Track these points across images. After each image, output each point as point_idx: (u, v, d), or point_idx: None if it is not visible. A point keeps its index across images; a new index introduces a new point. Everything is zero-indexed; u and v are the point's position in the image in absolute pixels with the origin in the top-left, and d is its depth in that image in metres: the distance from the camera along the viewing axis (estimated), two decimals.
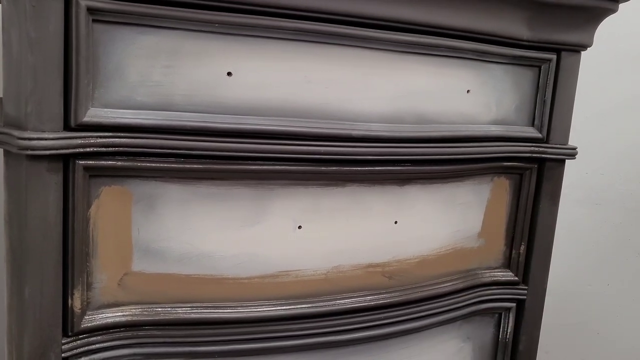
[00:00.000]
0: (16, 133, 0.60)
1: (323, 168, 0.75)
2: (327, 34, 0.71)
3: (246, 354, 0.76)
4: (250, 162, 0.71)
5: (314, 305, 0.78)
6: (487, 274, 0.95)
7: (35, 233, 0.62)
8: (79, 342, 0.67)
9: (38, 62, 0.59)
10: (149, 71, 0.65)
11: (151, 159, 0.67)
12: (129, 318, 0.70)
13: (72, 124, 0.62)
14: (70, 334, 0.66)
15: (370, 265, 0.82)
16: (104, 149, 0.64)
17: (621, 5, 0.89)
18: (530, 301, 0.98)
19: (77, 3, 0.59)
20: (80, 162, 0.63)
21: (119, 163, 0.65)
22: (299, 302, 0.78)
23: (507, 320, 0.98)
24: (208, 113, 0.68)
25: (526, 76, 0.90)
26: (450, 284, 0.90)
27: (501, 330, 0.99)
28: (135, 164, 0.66)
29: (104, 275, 0.68)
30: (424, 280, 0.87)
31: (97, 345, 0.68)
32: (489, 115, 0.88)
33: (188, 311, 0.72)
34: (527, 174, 0.93)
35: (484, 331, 0.98)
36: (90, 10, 0.60)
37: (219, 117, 0.68)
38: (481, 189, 0.91)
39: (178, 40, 0.65)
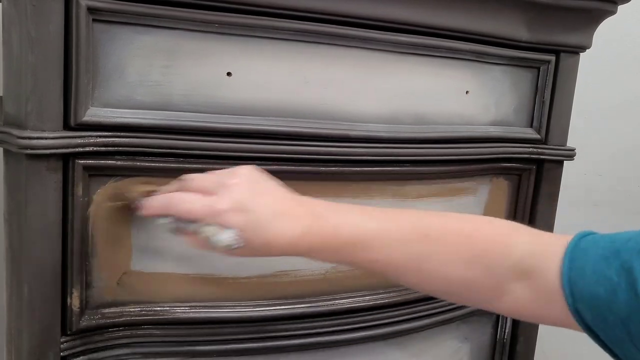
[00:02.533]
0: (16, 132, 0.60)
1: (322, 168, 0.75)
2: (326, 34, 0.72)
3: (245, 353, 0.76)
4: (249, 162, 0.71)
5: (312, 305, 0.79)
6: None
7: (34, 232, 0.62)
8: (78, 341, 0.67)
9: (38, 61, 0.59)
10: (147, 71, 0.65)
11: (150, 158, 0.67)
12: (128, 317, 0.70)
13: (72, 123, 0.62)
14: (69, 333, 0.66)
15: None
16: (103, 149, 0.64)
17: (620, 7, 0.89)
18: None
19: (78, 3, 0.59)
20: (80, 161, 0.63)
21: (119, 162, 0.65)
22: (297, 302, 0.78)
23: (504, 321, 0.98)
24: (207, 113, 0.68)
25: (525, 77, 0.90)
26: None
27: (499, 330, 0.99)
28: (135, 163, 0.66)
29: (103, 274, 0.68)
30: None
31: (96, 345, 0.68)
32: (488, 116, 0.88)
33: (187, 310, 0.72)
34: (526, 175, 0.93)
35: (481, 331, 0.98)
36: (91, 10, 0.60)
37: (217, 117, 0.69)
38: (480, 190, 0.92)
39: (177, 40, 0.66)
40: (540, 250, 0.59)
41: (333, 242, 0.59)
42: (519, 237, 0.61)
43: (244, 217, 0.57)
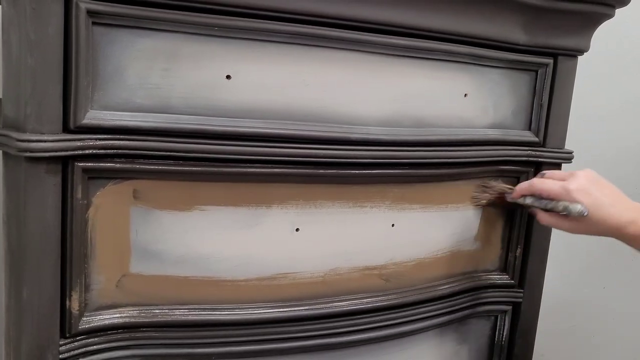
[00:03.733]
0: (15, 135, 0.60)
1: (321, 171, 0.76)
2: (325, 37, 0.72)
3: (244, 356, 0.76)
4: (248, 164, 0.71)
5: (311, 307, 0.79)
6: (484, 277, 0.95)
7: (33, 234, 0.62)
8: (76, 343, 0.67)
9: (38, 64, 0.59)
10: (147, 74, 0.65)
11: (149, 161, 0.67)
12: (127, 320, 0.70)
13: (71, 126, 0.62)
14: (67, 335, 0.66)
15: (367, 268, 0.83)
16: (102, 151, 0.64)
17: (617, 10, 0.89)
18: (526, 304, 0.98)
19: (77, 5, 0.59)
20: (79, 164, 0.63)
21: (118, 165, 0.65)
22: (296, 305, 0.78)
23: (503, 323, 0.98)
24: (206, 116, 0.68)
25: (523, 80, 0.91)
26: (447, 286, 0.90)
27: (497, 333, 0.99)
28: (134, 166, 0.66)
29: (101, 276, 0.68)
30: (420, 283, 0.88)
31: (95, 347, 0.68)
32: (486, 119, 0.88)
33: (186, 313, 0.72)
34: (524, 177, 0.94)
35: (480, 334, 0.98)
36: (90, 12, 0.60)
37: (217, 119, 0.69)
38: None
39: (176, 43, 0.66)
40: None
41: None
42: None
43: (588, 197, 0.79)
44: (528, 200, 0.85)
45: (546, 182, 0.83)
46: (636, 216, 0.78)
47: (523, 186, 0.86)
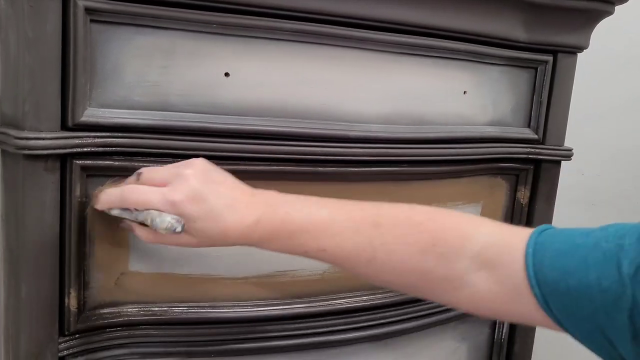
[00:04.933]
0: (13, 133, 0.60)
1: (320, 169, 0.75)
2: (325, 35, 0.72)
3: (242, 353, 0.76)
4: (247, 162, 0.71)
5: (310, 305, 0.79)
6: None
7: (32, 232, 0.62)
8: (75, 341, 0.67)
9: (35, 62, 0.59)
10: (145, 71, 0.65)
11: (148, 159, 0.67)
12: (126, 317, 0.70)
13: (70, 123, 0.62)
14: (66, 333, 0.66)
15: None
16: (101, 149, 0.64)
17: (617, 7, 0.89)
18: None
19: (75, 3, 0.59)
20: (78, 161, 0.63)
21: (116, 163, 0.65)
22: (295, 302, 0.78)
23: (502, 321, 0.98)
24: (205, 113, 0.68)
25: (522, 77, 0.90)
26: None
27: (496, 331, 0.99)
28: (132, 163, 0.66)
29: (100, 274, 0.68)
30: None
31: (94, 345, 0.68)
32: (486, 116, 0.88)
33: (184, 311, 0.72)
34: (523, 175, 0.94)
35: (479, 332, 0.98)
36: (88, 10, 0.60)
37: (215, 117, 0.69)
38: (477, 190, 0.92)
39: (175, 41, 0.65)
40: (503, 240, 0.57)
41: (284, 230, 0.59)
42: (479, 227, 0.59)
43: (199, 206, 0.57)
44: (115, 212, 0.61)
45: (142, 191, 0.59)
46: (258, 213, 0.59)
47: (111, 194, 0.62)
